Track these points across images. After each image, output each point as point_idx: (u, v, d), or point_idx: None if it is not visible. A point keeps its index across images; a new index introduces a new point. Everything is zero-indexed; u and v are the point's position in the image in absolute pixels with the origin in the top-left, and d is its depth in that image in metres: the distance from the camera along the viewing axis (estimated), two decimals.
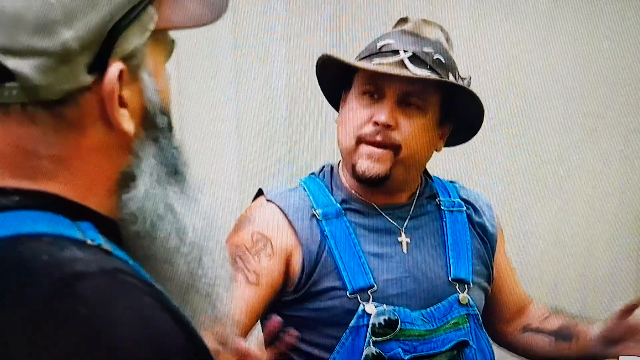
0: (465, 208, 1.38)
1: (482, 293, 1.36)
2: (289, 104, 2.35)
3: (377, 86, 1.24)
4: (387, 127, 1.22)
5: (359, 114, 1.25)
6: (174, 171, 0.66)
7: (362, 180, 1.26)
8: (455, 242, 1.33)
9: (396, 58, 1.22)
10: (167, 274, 0.66)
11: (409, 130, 1.24)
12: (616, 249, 3.09)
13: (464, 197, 1.40)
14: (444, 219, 1.35)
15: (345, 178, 1.33)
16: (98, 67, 0.58)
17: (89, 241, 0.57)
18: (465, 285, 1.30)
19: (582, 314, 1.50)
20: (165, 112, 0.65)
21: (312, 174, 1.38)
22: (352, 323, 1.22)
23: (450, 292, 1.29)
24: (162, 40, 0.65)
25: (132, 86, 0.61)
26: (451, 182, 1.44)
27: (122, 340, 0.50)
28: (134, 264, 0.61)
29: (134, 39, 0.60)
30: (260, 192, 1.34)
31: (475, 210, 1.39)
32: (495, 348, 1.39)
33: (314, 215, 1.27)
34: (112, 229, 0.62)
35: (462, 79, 1.30)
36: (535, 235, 2.82)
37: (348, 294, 1.22)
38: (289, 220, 1.26)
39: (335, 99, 1.37)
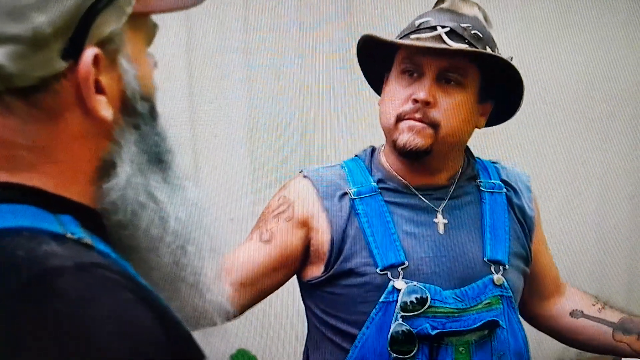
0: (505, 190, 1.37)
1: (520, 275, 1.35)
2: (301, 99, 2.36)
3: (415, 64, 1.24)
4: (426, 104, 1.22)
5: (398, 93, 1.26)
6: (156, 159, 0.65)
7: (403, 153, 1.26)
8: (493, 224, 1.33)
9: (434, 33, 1.22)
10: (151, 264, 0.65)
11: (448, 106, 1.24)
12: (631, 238, 3.09)
13: (505, 178, 1.39)
14: (484, 201, 1.34)
15: (385, 159, 1.34)
16: (73, 52, 0.57)
17: (69, 235, 0.56)
18: (501, 267, 1.30)
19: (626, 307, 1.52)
20: (147, 98, 0.64)
21: (357, 155, 1.39)
22: (381, 299, 1.23)
23: (486, 273, 1.28)
24: (142, 25, 0.64)
25: (109, 72, 0.60)
26: (493, 162, 1.43)
27: (99, 336, 0.49)
28: (116, 257, 0.59)
29: (110, 23, 0.59)
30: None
31: (515, 192, 1.38)
32: (528, 332, 1.37)
33: (346, 193, 1.29)
34: (95, 221, 0.61)
35: (497, 49, 1.29)
36: (548, 226, 2.81)
37: (378, 270, 1.23)
38: (319, 196, 1.28)
39: (376, 80, 1.38)
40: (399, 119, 1.25)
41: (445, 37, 1.21)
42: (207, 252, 0.69)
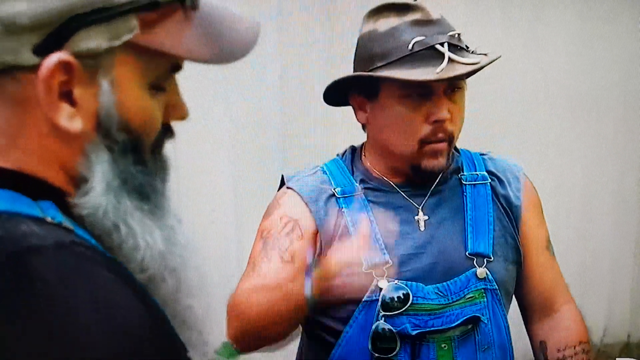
0: (489, 180, 1.36)
1: (509, 265, 1.33)
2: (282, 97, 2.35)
3: (425, 87, 1.22)
4: (444, 121, 1.23)
5: (411, 117, 1.24)
6: (135, 190, 0.63)
7: (426, 175, 1.28)
8: (475, 217, 1.32)
9: (445, 59, 1.19)
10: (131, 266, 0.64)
11: (458, 114, 1.26)
12: (615, 245, 3.11)
13: (491, 169, 1.37)
14: (465, 193, 1.33)
15: (367, 158, 1.34)
16: (45, 51, 0.56)
17: (49, 219, 0.56)
18: (485, 259, 1.29)
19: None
20: (127, 130, 0.62)
21: (338, 155, 1.40)
22: (364, 297, 1.23)
23: (469, 267, 1.27)
24: (145, 57, 0.62)
25: (87, 87, 0.59)
26: (483, 154, 1.42)
27: (79, 313, 0.49)
28: (96, 243, 0.59)
29: (96, 39, 0.58)
30: (283, 178, 1.37)
31: (501, 181, 1.36)
32: (513, 326, 1.34)
33: (332, 195, 1.29)
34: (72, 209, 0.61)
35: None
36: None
37: (363, 269, 1.22)
38: (306, 204, 1.29)
39: (333, 99, 1.36)
40: (422, 143, 1.24)
41: (454, 56, 1.20)
42: (194, 290, 0.67)
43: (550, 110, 2.91)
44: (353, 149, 1.39)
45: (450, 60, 1.19)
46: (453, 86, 1.24)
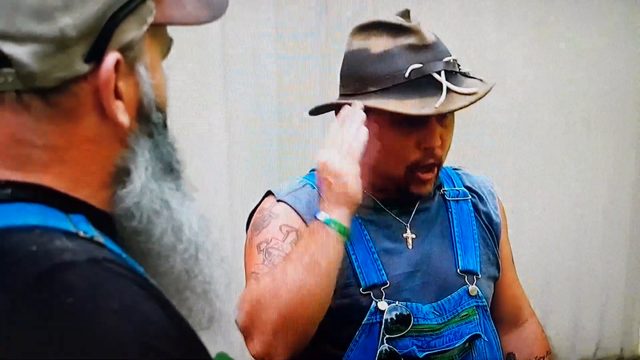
0: (470, 197, 1.36)
1: (491, 282, 1.34)
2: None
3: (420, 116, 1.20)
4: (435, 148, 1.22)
5: (403, 142, 1.22)
6: (169, 168, 0.66)
7: (412, 198, 1.28)
8: (461, 233, 1.31)
9: (436, 86, 1.17)
10: (162, 270, 0.66)
11: (448, 139, 1.25)
12: (607, 248, 3.11)
13: (469, 185, 1.37)
14: (450, 210, 1.33)
15: None
16: (94, 56, 0.57)
17: (81, 233, 0.57)
18: (474, 277, 1.29)
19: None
20: (160, 109, 0.65)
21: (314, 170, 1.31)
22: (364, 320, 1.20)
23: (460, 284, 1.27)
24: (159, 36, 0.65)
25: (127, 79, 0.61)
26: (455, 169, 1.42)
27: (108, 328, 0.49)
28: (127, 257, 0.60)
29: (132, 31, 0.60)
30: (267, 194, 1.31)
31: (480, 198, 1.36)
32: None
33: None
34: (105, 223, 0.62)
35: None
36: (526, 235, 2.82)
37: (361, 291, 1.21)
38: (302, 219, 1.24)
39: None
40: (411, 169, 1.23)
41: (452, 86, 1.17)
42: (217, 261, 0.69)
43: (544, 118, 2.90)
44: None
45: (448, 90, 1.17)
46: (446, 114, 1.21)
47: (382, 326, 1.19)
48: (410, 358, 1.18)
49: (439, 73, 1.17)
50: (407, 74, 1.17)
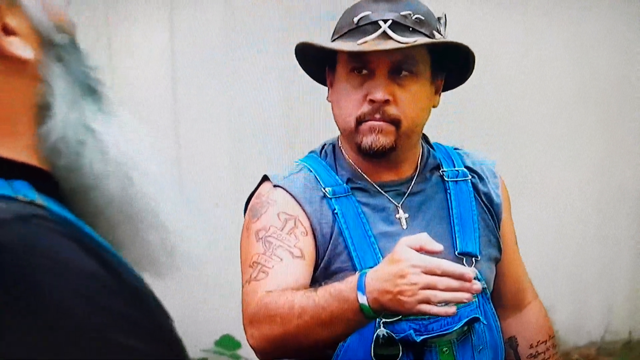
0: (470, 177, 1.34)
1: (491, 264, 1.32)
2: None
3: (364, 62, 1.22)
4: (384, 102, 1.21)
5: (352, 94, 1.23)
6: (88, 89, 0.63)
7: (369, 154, 1.24)
8: (460, 215, 1.30)
9: (378, 32, 1.20)
10: (103, 203, 0.63)
11: (406, 100, 1.23)
12: (615, 230, 3.11)
13: (469, 165, 1.36)
14: (448, 191, 1.31)
15: (348, 156, 1.31)
16: None
17: (20, 197, 0.55)
18: (473, 259, 1.27)
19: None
20: (62, 30, 0.62)
21: (312, 152, 1.35)
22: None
23: None
24: None
25: (13, 13, 0.58)
26: (456, 148, 1.40)
27: (47, 286, 0.49)
28: (73, 217, 0.59)
29: None
30: (264, 178, 1.31)
31: (481, 178, 1.35)
32: None
33: (324, 195, 1.26)
34: (53, 186, 0.60)
35: (440, 22, 1.27)
36: (532, 218, 2.82)
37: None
38: (299, 204, 1.25)
39: (319, 75, 1.35)
40: (359, 121, 1.23)
41: (391, 33, 1.19)
42: (155, 176, 0.66)
43: (550, 109, 2.90)
44: (333, 146, 1.34)
45: (388, 36, 1.19)
46: (400, 69, 1.22)
47: None
48: (408, 342, 1.18)
49: (384, 22, 1.20)
50: (355, 20, 1.22)
